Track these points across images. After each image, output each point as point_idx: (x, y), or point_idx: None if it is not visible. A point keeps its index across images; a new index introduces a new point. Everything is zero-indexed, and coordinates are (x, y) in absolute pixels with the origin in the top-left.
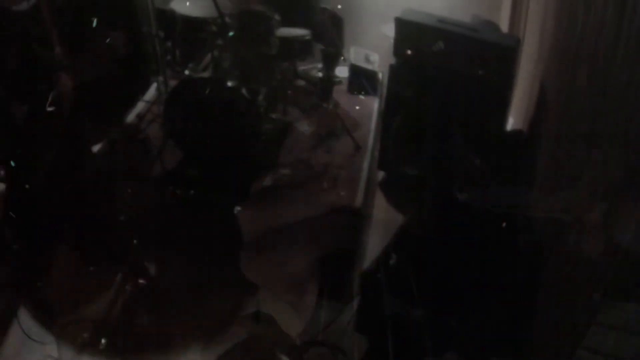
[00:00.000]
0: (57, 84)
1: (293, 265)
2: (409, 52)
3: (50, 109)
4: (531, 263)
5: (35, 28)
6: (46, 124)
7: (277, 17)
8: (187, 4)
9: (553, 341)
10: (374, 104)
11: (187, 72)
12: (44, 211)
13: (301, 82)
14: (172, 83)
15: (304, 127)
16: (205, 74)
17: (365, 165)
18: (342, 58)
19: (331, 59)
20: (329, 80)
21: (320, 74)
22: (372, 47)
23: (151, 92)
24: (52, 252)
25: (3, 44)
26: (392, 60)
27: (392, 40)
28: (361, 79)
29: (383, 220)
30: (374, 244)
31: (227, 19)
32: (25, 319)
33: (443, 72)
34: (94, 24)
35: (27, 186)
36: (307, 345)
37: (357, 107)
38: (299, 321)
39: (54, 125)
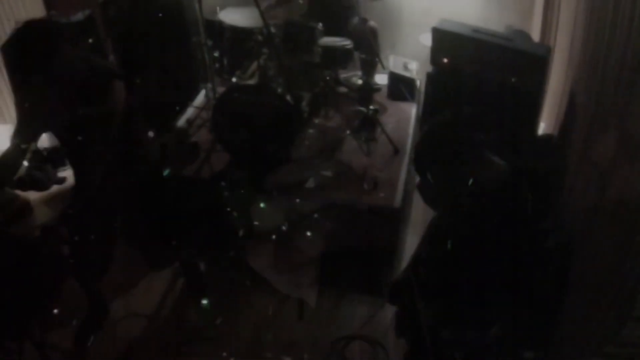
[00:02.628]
0: (112, 90)
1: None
2: (445, 60)
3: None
4: (561, 261)
5: (90, 37)
6: (103, 128)
7: (319, 27)
8: (235, 14)
9: (583, 335)
10: (412, 110)
11: (234, 79)
12: (103, 209)
13: (343, 89)
14: (220, 90)
15: (345, 131)
16: (252, 81)
17: (404, 167)
18: (381, 66)
19: (371, 67)
20: (369, 87)
21: (360, 81)
22: (410, 55)
23: (200, 98)
24: (109, 249)
25: (62, 53)
26: (429, 68)
27: (429, 49)
28: (400, 86)
29: (421, 221)
30: (412, 244)
31: (272, 29)
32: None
33: (477, 79)
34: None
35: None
36: (348, 340)
37: (396, 113)
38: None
39: (111, 129)
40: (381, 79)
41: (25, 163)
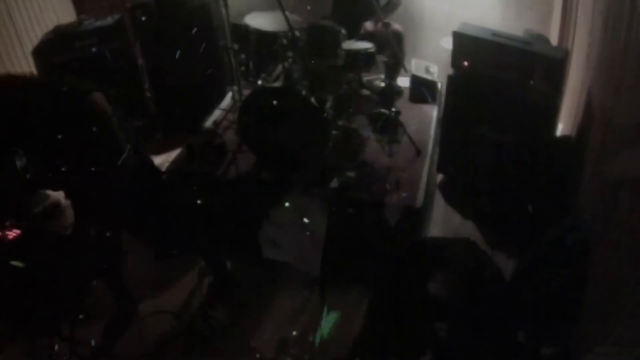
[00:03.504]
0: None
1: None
2: (466, 63)
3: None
4: (579, 258)
5: (119, 41)
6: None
7: (343, 31)
8: (260, 19)
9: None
10: (433, 112)
11: (260, 82)
12: (124, 207)
13: (366, 92)
14: (246, 92)
15: (368, 133)
16: (277, 84)
17: (426, 168)
18: (403, 69)
19: (393, 70)
20: (392, 90)
21: (383, 84)
22: (431, 58)
23: (227, 101)
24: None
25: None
26: (450, 71)
27: (450, 53)
28: (421, 89)
29: (442, 221)
30: None
31: (297, 33)
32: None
33: (497, 82)
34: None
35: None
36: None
37: (418, 115)
38: None
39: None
40: (403, 81)
41: None
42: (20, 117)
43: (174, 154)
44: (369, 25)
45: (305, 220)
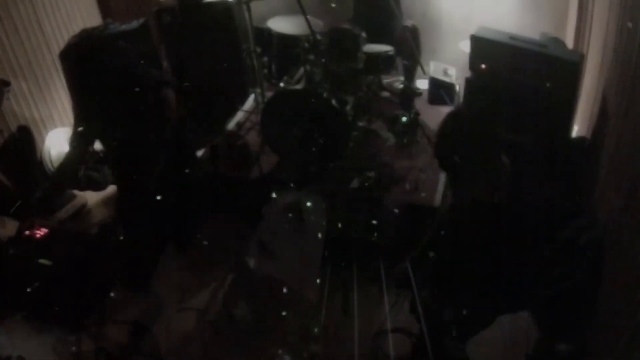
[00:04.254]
0: (164, 98)
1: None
2: (483, 66)
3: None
4: (594, 256)
5: (145, 44)
6: (155, 132)
7: (363, 34)
8: (282, 22)
9: (615, 329)
10: None
11: (282, 84)
12: (154, 209)
13: (385, 94)
14: (269, 94)
15: (388, 134)
16: (299, 86)
17: None
18: (422, 72)
19: (412, 72)
20: (411, 92)
21: (402, 86)
22: (449, 61)
23: (249, 103)
24: (161, 247)
25: (115, 63)
26: (467, 73)
27: (468, 56)
28: (440, 91)
29: None
30: None
31: (318, 37)
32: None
33: (514, 84)
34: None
35: (137, 186)
36: (390, 332)
37: (436, 116)
38: None
39: (162, 132)
40: (422, 84)
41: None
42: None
43: (197, 154)
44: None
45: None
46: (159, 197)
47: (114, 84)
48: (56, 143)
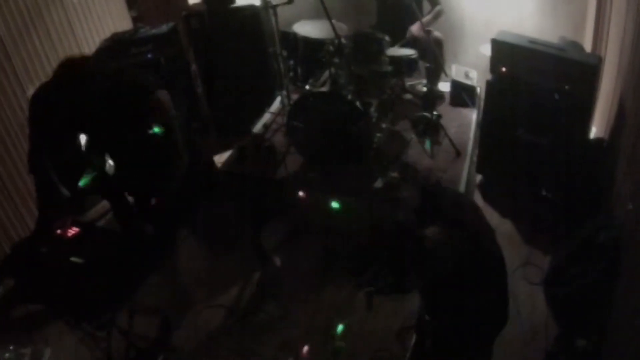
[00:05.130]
0: (158, 99)
1: None
2: (504, 69)
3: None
4: (612, 254)
5: (174, 48)
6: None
7: (387, 38)
8: (308, 26)
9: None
10: (473, 115)
11: (307, 87)
12: (179, 204)
13: (408, 96)
14: (295, 96)
15: (411, 135)
16: (324, 89)
17: (465, 169)
18: (444, 74)
19: (435, 75)
20: (433, 94)
21: (425, 89)
22: (471, 64)
23: (276, 105)
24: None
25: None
26: (488, 76)
27: (488, 59)
28: (461, 93)
29: None
30: None
31: (343, 40)
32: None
33: (533, 87)
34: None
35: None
36: (409, 329)
37: (458, 118)
38: None
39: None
40: (444, 86)
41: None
42: (88, 102)
43: (225, 155)
44: (414, 29)
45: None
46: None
47: (102, 106)
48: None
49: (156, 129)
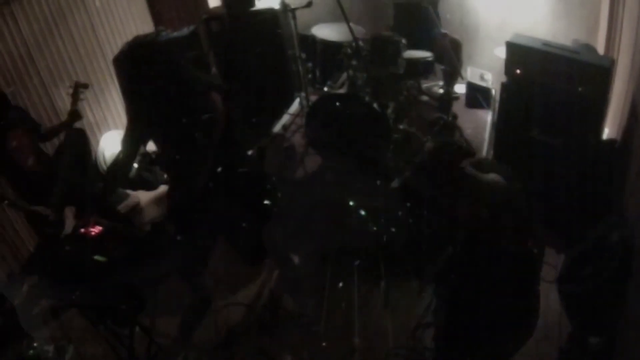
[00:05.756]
0: (211, 101)
1: None
2: (518, 71)
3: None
4: (624, 253)
5: (194, 50)
6: (203, 136)
7: (403, 41)
8: (326, 30)
9: None
10: (488, 117)
11: (326, 88)
12: (204, 208)
13: (425, 98)
14: (313, 98)
15: (427, 136)
16: (342, 91)
17: None
18: (460, 77)
19: (451, 77)
20: (449, 96)
21: (441, 91)
22: (486, 67)
23: (295, 106)
24: (210, 244)
25: (166, 67)
26: (503, 78)
27: (503, 61)
28: (477, 95)
29: None
30: None
31: (360, 43)
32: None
33: (547, 89)
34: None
35: (188, 187)
36: (427, 326)
37: (473, 119)
38: None
39: (211, 136)
40: (460, 88)
41: (135, 165)
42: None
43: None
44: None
45: None
46: (208, 196)
47: (164, 88)
48: (110, 145)
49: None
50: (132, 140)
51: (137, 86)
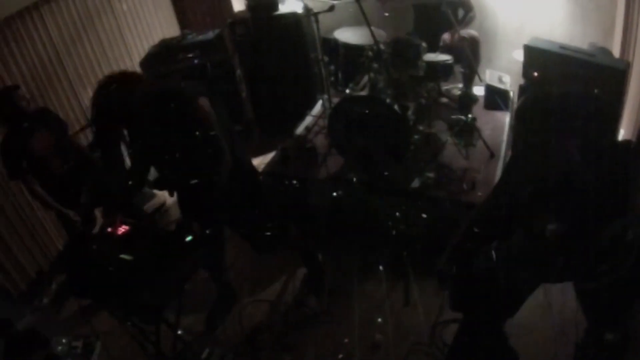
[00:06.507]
0: (199, 105)
1: None
2: (536, 74)
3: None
4: (638, 253)
5: (220, 53)
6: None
7: (423, 44)
8: (348, 33)
9: None
10: (506, 118)
11: (347, 91)
12: (227, 206)
13: (444, 99)
14: (335, 100)
15: (447, 137)
16: (363, 93)
17: (499, 169)
18: (479, 79)
19: (469, 80)
20: (468, 98)
21: (460, 92)
22: (504, 69)
23: (317, 108)
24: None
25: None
26: (521, 80)
27: (521, 64)
28: (495, 97)
29: None
30: None
31: (381, 46)
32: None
33: (564, 91)
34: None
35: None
36: (447, 323)
37: (492, 121)
38: None
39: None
40: (478, 90)
41: None
42: (129, 114)
43: (269, 156)
44: (446, 37)
45: None
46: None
47: (143, 109)
48: None
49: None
50: (136, 164)
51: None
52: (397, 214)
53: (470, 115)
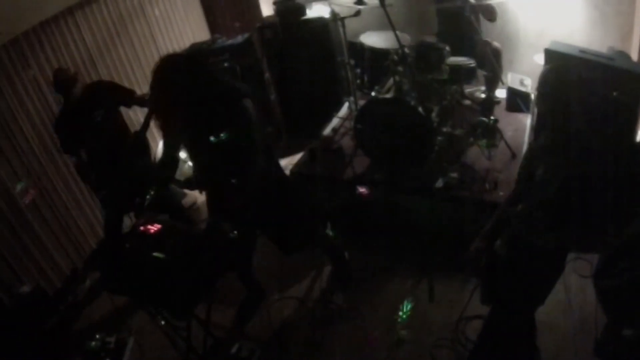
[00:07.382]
0: (244, 106)
1: None
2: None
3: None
4: None
5: (249, 57)
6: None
7: (447, 48)
8: (374, 37)
9: None
10: (527, 120)
11: (373, 93)
12: (254, 206)
13: (467, 102)
14: (361, 102)
15: (470, 138)
16: (389, 95)
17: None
18: (501, 82)
19: (492, 83)
20: (490, 100)
21: (483, 95)
22: (525, 72)
23: (344, 110)
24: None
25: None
26: None
27: (542, 67)
28: (517, 99)
29: None
30: None
31: (406, 50)
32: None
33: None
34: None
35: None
36: (470, 319)
37: (513, 123)
38: None
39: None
40: (501, 93)
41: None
42: (189, 101)
43: (297, 157)
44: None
45: None
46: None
47: (197, 98)
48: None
49: (224, 135)
50: (168, 149)
51: (168, 96)
52: (421, 212)
53: (492, 117)
